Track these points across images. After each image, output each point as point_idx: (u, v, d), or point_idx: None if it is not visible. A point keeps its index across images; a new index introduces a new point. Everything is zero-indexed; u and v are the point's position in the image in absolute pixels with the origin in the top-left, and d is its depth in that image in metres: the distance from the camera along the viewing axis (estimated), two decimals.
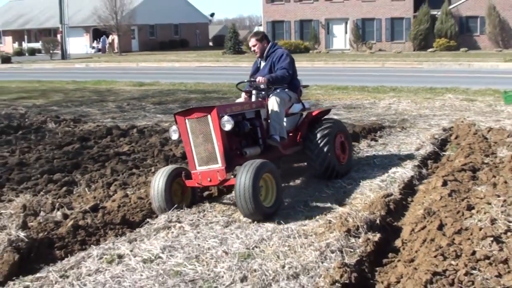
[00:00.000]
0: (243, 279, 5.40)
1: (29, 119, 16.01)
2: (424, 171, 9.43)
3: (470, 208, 6.63)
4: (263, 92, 8.50)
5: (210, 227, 6.89)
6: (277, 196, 7.26)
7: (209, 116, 7.36)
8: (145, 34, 74.12)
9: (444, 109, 16.42)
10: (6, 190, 8.70)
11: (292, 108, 8.93)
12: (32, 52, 68.69)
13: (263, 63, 8.92)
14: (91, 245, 6.45)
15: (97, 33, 70.94)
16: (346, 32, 57.86)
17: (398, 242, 6.22)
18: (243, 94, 8.97)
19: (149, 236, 6.59)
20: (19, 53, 68.86)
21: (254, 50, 8.92)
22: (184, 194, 7.80)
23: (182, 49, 69.16)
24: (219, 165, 7.37)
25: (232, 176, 7.48)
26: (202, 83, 26.02)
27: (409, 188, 8.48)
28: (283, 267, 5.57)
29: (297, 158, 9.15)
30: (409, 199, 8.10)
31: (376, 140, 11.83)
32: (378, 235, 6.23)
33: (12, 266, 5.78)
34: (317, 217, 7.14)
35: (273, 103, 8.35)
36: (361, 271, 5.45)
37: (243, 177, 6.76)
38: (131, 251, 6.14)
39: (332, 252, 5.84)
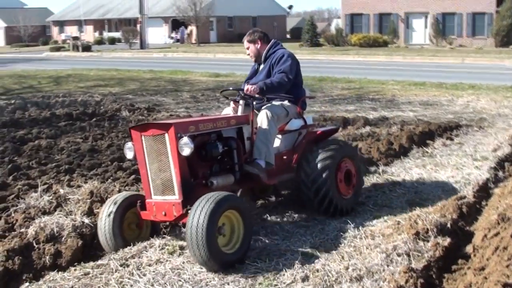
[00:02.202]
0: (305, 278, 5.27)
1: (104, 106, 16.35)
2: (500, 173, 9.00)
3: None
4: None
5: (276, 223, 6.80)
6: (243, 239, 5.72)
7: (166, 134, 5.96)
8: (223, 25, 74.50)
9: None
10: (76, 176, 8.83)
11: (289, 124, 7.25)
12: (112, 41, 70.11)
13: (262, 66, 7.43)
14: (154, 235, 6.43)
15: (176, 24, 71.82)
16: (426, 27, 56.50)
17: (469, 248, 5.92)
18: (232, 103, 7.29)
19: None
20: (100, 42, 70.46)
21: (248, 54, 7.47)
22: (141, 228, 6.42)
23: None
24: (176, 197, 5.95)
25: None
26: None
27: (484, 191, 8.08)
28: (347, 268, 5.40)
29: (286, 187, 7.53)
30: (483, 203, 7.70)
31: (452, 139, 11.45)
32: (448, 239, 5.94)
33: (75, 252, 5.87)
34: (386, 217, 6.96)
35: (262, 119, 6.75)
36: (428, 276, 5.21)
37: (196, 214, 5.36)
38: None
39: (399, 255, 5.61)
